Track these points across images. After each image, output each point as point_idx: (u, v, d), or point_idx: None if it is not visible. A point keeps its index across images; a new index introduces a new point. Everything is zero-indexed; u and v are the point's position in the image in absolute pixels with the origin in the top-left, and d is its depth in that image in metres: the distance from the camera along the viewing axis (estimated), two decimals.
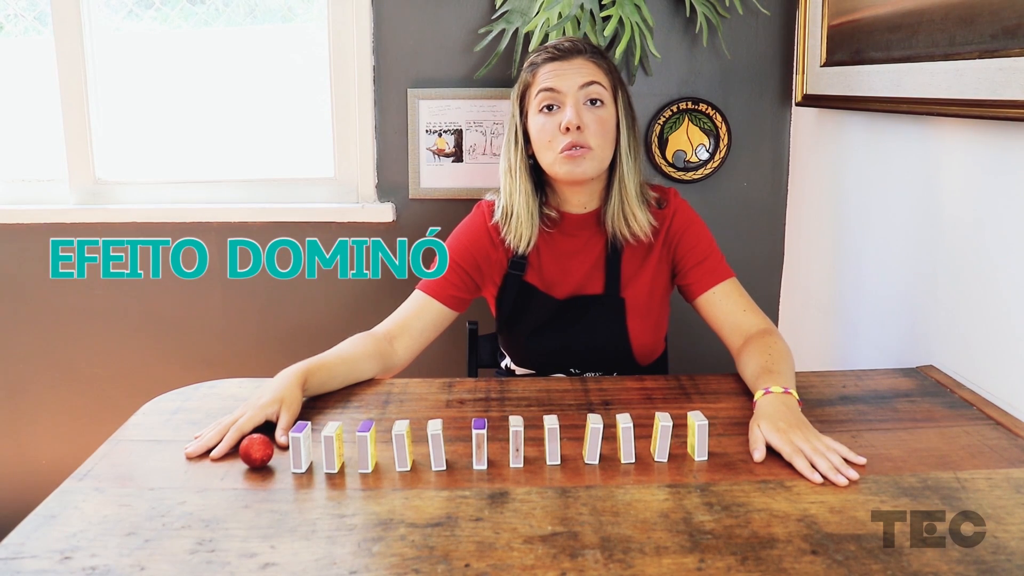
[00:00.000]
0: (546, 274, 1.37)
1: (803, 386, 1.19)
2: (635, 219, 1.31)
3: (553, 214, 1.35)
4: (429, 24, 1.84)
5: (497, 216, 1.36)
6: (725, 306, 1.31)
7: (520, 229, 1.33)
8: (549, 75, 1.28)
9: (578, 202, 1.35)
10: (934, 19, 1.23)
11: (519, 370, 1.45)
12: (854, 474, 0.93)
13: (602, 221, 1.35)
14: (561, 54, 1.30)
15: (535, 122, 1.30)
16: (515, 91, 1.35)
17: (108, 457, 1.00)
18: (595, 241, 1.36)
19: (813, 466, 0.94)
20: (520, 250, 1.34)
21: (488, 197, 1.41)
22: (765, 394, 1.08)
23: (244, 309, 1.98)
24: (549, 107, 1.28)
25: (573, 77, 1.27)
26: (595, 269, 1.36)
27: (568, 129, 1.25)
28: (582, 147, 1.25)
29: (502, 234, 1.35)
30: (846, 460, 0.95)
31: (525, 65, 1.35)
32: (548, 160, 1.29)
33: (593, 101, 1.28)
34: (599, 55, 1.32)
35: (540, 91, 1.29)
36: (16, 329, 2.00)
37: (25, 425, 2.05)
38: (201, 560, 0.78)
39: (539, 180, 1.36)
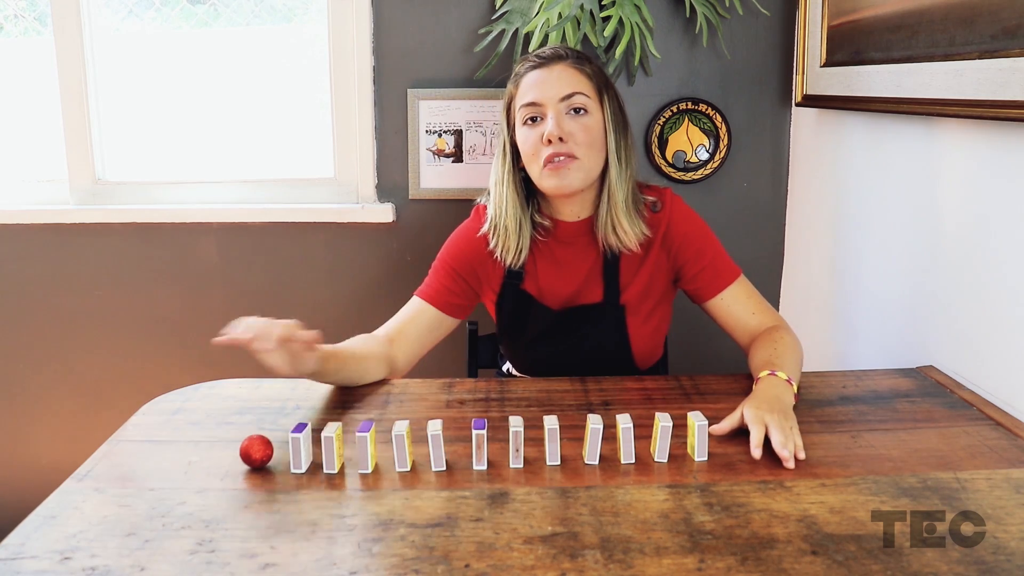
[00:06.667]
0: (543, 283, 1.34)
1: (803, 386, 1.19)
2: (623, 231, 1.27)
3: (547, 223, 1.32)
4: (429, 24, 1.84)
5: (486, 227, 1.33)
6: (734, 310, 1.30)
7: (508, 243, 1.30)
8: (530, 87, 1.26)
9: (570, 211, 1.32)
10: (934, 19, 1.23)
11: (521, 375, 1.44)
12: (791, 464, 0.95)
13: (594, 230, 1.32)
14: (542, 62, 1.27)
15: (521, 135, 1.28)
16: (503, 103, 1.32)
17: (108, 457, 1.00)
18: (591, 249, 1.33)
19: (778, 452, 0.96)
20: (508, 263, 1.32)
21: (481, 201, 1.38)
22: (767, 375, 1.12)
23: (244, 309, 1.97)
24: (533, 119, 1.26)
25: (554, 87, 1.25)
26: (592, 276, 1.33)
27: (550, 141, 1.22)
28: (566, 156, 1.22)
29: (491, 246, 1.32)
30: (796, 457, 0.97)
31: (511, 77, 1.32)
32: (535, 173, 1.27)
33: (577, 110, 1.25)
34: (582, 60, 1.29)
35: (522, 105, 1.27)
36: (16, 329, 2.00)
37: (25, 425, 2.05)
38: (201, 561, 0.78)
39: (531, 190, 1.33)
